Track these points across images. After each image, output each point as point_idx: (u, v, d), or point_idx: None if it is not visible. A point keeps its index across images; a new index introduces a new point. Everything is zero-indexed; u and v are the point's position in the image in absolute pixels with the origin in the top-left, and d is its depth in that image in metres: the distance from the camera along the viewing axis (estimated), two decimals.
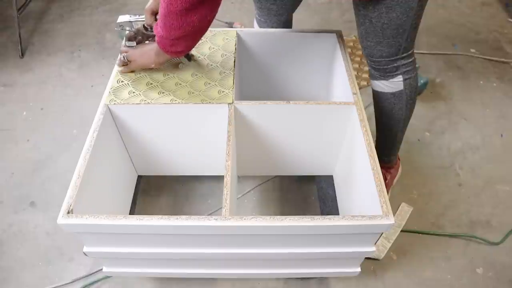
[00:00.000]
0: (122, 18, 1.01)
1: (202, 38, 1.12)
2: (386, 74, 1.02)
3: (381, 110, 1.10)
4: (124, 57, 0.99)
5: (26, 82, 1.70)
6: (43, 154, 1.42)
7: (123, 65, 1.01)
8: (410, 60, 1.01)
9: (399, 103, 1.06)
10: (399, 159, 1.32)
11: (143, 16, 0.98)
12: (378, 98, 1.09)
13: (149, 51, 0.96)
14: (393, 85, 1.03)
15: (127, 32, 1.01)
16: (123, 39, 1.04)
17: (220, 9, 0.80)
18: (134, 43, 0.99)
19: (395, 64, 0.99)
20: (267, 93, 1.31)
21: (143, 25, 0.99)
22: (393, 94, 1.05)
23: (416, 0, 0.86)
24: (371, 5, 0.89)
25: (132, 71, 1.03)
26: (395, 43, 0.94)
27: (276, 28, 1.20)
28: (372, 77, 1.07)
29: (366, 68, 1.73)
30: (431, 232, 1.21)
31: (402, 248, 1.17)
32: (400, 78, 1.02)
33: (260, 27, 1.23)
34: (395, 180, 1.31)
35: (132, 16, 1.01)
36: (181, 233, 0.78)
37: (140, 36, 0.99)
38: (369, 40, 0.97)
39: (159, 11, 0.81)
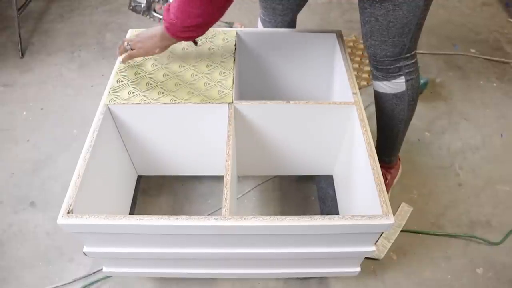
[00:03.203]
0: None
1: (202, 37, 1.13)
2: (389, 74, 1.02)
3: (382, 111, 1.10)
4: (128, 43, 0.96)
5: (26, 82, 1.70)
6: (43, 154, 1.42)
7: (123, 52, 0.97)
8: (413, 61, 1.01)
9: (400, 104, 1.06)
10: (399, 159, 1.32)
11: None
12: (379, 99, 1.09)
13: (153, 36, 0.91)
14: (395, 86, 1.03)
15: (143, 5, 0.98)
16: (140, 12, 0.99)
17: None
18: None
19: (398, 65, 0.99)
20: (267, 93, 1.31)
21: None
22: (395, 95, 1.04)
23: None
24: (378, 3, 0.89)
25: (133, 58, 0.99)
26: (400, 42, 0.94)
27: (280, 28, 1.20)
28: (374, 78, 1.07)
29: (366, 68, 1.73)
30: (431, 232, 1.21)
31: (402, 248, 1.17)
32: (402, 79, 1.01)
33: (265, 27, 1.22)
34: (395, 180, 1.31)
35: None
36: (181, 233, 0.78)
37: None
38: (373, 39, 0.96)
39: None
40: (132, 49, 0.96)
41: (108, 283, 1.09)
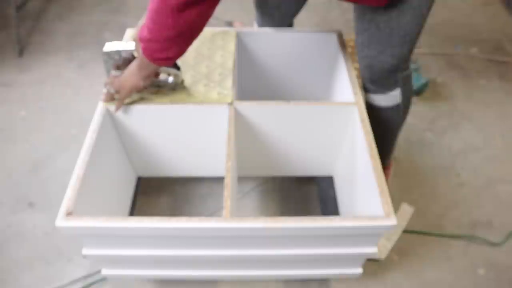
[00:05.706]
0: (109, 47, 0.90)
1: (201, 37, 1.12)
2: (384, 87, 0.99)
3: (376, 121, 1.06)
4: (110, 87, 0.90)
5: (24, 81, 1.69)
6: (42, 154, 1.41)
7: (111, 99, 0.92)
8: (408, 70, 0.98)
9: (395, 114, 1.04)
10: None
11: (132, 44, 0.89)
12: (373, 111, 1.05)
13: (131, 70, 0.86)
14: (390, 98, 1.01)
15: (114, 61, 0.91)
16: (109, 70, 0.93)
17: (220, 6, 0.77)
18: (120, 73, 0.89)
19: (395, 78, 0.97)
20: (267, 93, 1.30)
21: (132, 54, 0.90)
22: (390, 108, 1.03)
23: (426, 8, 0.85)
24: (381, 9, 0.85)
25: (123, 101, 0.92)
26: (399, 53, 0.91)
27: None
28: (368, 91, 1.03)
29: None
30: (432, 232, 1.20)
31: (403, 248, 1.17)
32: (398, 91, 0.99)
33: None
34: (389, 179, 1.30)
35: (120, 44, 0.90)
36: (181, 235, 0.77)
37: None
38: (371, 49, 0.92)
39: (148, 8, 0.71)
40: (117, 92, 0.90)
41: (107, 284, 1.08)
